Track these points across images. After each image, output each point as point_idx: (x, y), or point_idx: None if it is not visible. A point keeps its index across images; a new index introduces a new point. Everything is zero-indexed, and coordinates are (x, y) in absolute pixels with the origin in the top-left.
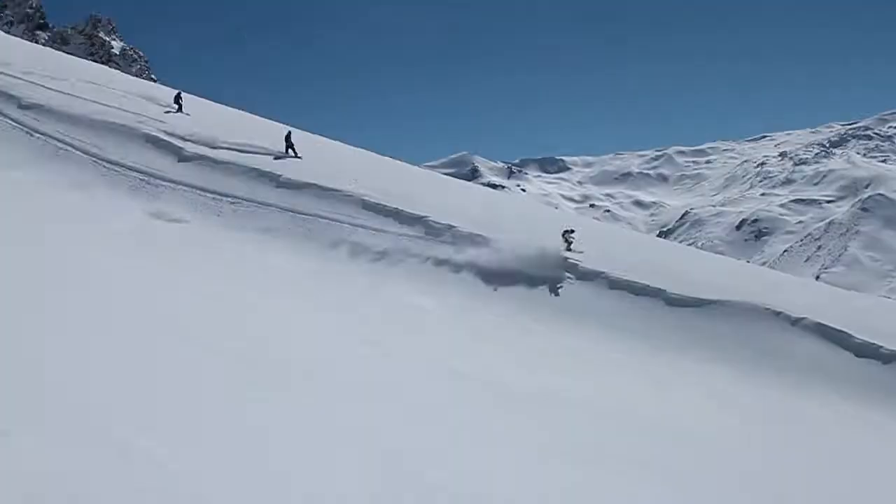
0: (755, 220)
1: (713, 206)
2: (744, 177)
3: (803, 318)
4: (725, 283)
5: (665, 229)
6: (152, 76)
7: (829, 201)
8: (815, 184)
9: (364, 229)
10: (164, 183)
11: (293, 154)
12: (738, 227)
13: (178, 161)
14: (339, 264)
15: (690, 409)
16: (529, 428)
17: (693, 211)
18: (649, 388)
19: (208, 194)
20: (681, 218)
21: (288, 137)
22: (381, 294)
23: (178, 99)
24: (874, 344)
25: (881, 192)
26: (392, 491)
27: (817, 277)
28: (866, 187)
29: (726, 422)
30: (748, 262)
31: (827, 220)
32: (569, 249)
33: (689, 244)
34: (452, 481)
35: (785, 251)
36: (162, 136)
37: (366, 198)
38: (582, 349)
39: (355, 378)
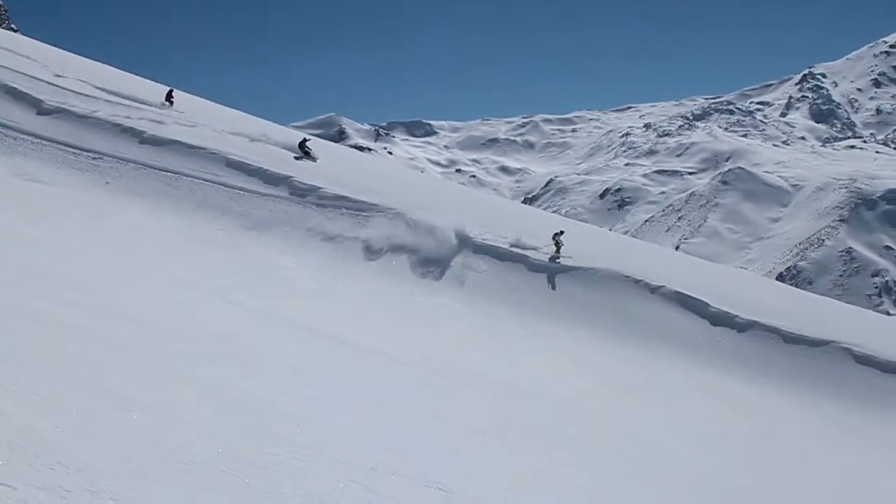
0: (618, 190)
1: (578, 174)
2: (608, 146)
3: (662, 287)
4: (588, 250)
5: (530, 196)
6: (12, 26)
7: (690, 173)
8: (678, 155)
9: (228, 188)
10: (23, 136)
11: (310, 158)
12: (602, 196)
13: (38, 114)
14: (204, 223)
15: (553, 372)
16: (404, 392)
17: (558, 179)
18: (509, 352)
19: (69, 149)
20: (546, 185)
21: (302, 144)
22: (247, 255)
23: (169, 96)
24: (730, 313)
25: (741, 165)
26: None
27: (677, 247)
28: (727, 160)
29: (588, 387)
30: (610, 230)
31: (688, 192)
32: (557, 251)
33: (553, 211)
34: (305, 434)
35: (647, 221)
36: (20, 87)
37: (230, 156)
38: (443, 311)
39: (214, 335)
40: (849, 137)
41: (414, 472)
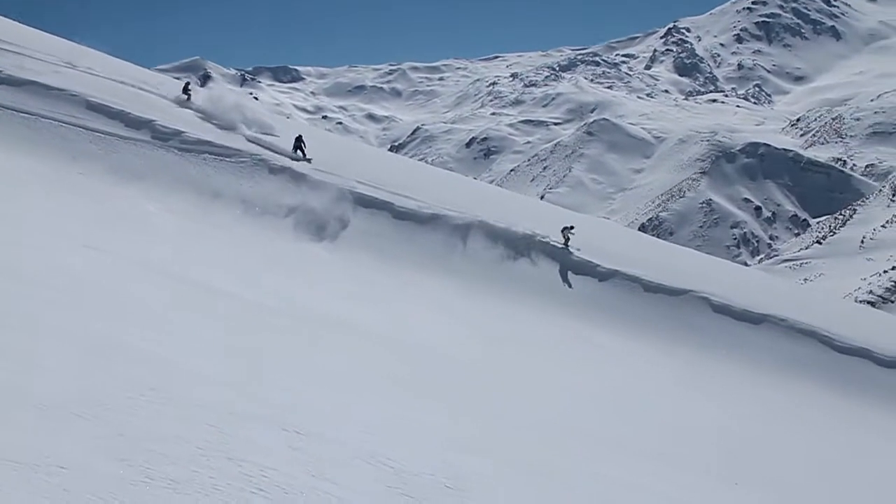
0: (485, 139)
1: (444, 122)
2: (475, 95)
3: (526, 235)
4: (453, 198)
5: (396, 144)
6: None
7: (556, 123)
8: (544, 106)
9: (89, 131)
10: None
11: (303, 156)
12: (468, 145)
13: None
14: (64, 167)
15: (420, 322)
16: (269, 339)
17: (425, 127)
18: (377, 300)
19: None
20: (412, 133)
21: (299, 139)
22: (109, 200)
23: (186, 89)
24: (591, 262)
25: (606, 116)
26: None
27: (542, 197)
28: (592, 112)
29: (456, 336)
30: (475, 179)
31: (553, 142)
32: (566, 245)
33: (420, 160)
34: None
35: (512, 170)
36: None
37: (91, 98)
38: (310, 260)
39: (77, 281)
40: (711, 91)
41: (272, 416)
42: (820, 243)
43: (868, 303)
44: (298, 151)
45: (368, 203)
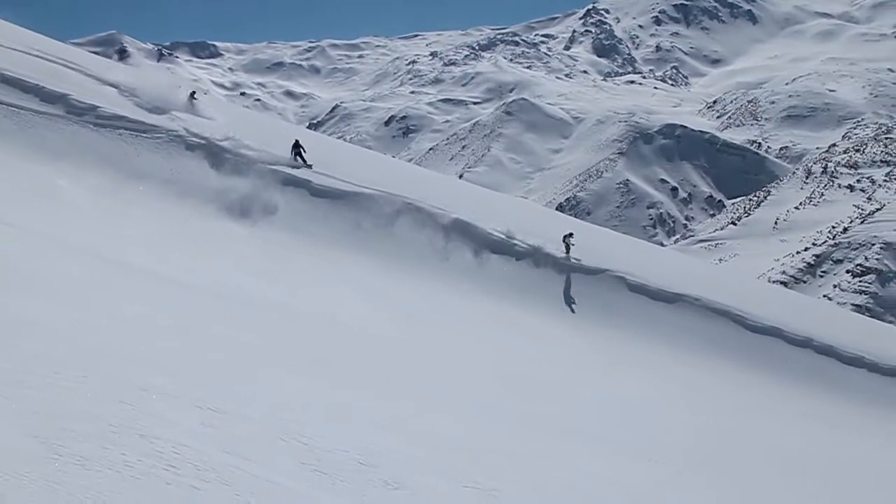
0: (404, 117)
1: (363, 101)
2: (395, 74)
3: (444, 214)
4: (372, 177)
5: (315, 121)
6: None
7: (475, 103)
8: (463, 85)
9: (2, 106)
10: None
11: (303, 162)
12: (387, 123)
13: None
14: None
15: (336, 300)
16: (182, 315)
17: (343, 105)
18: (291, 277)
19: None
20: (331, 111)
21: (297, 145)
22: (22, 174)
23: (193, 96)
24: (510, 242)
25: (524, 96)
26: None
27: (461, 176)
28: (511, 91)
29: (371, 314)
30: (394, 157)
31: (472, 121)
32: (567, 252)
33: (339, 137)
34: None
35: (431, 149)
36: None
37: (5, 72)
38: (225, 236)
39: None
40: (629, 73)
41: (184, 392)
42: (735, 224)
43: (781, 283)
44: (298, 158)
45: (288, 181)
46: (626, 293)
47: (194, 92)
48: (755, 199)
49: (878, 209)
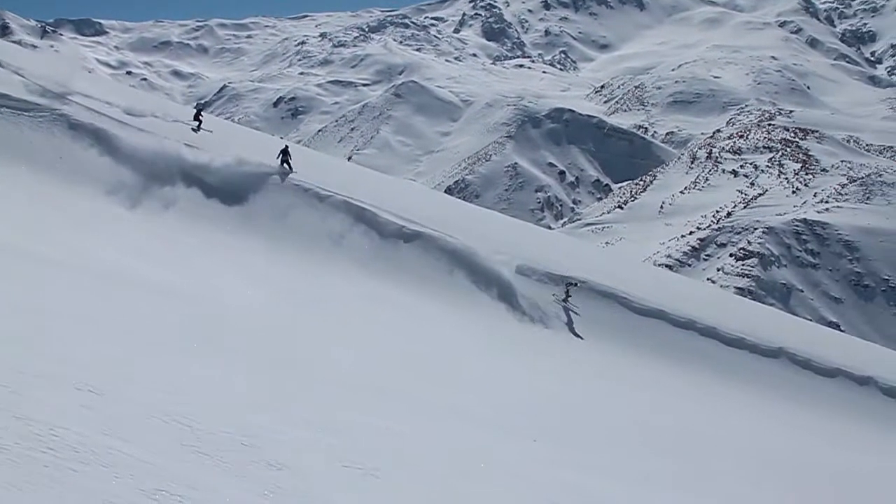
0: (292, 98)
1: (252, 81)
2: (283, 54)
3: (331, 196)
4: (261, 158)
5: (203, 101)
6: None
7: (364, 85)
8: (353, 66)
9: None
10: None
11: (289, 168)
12: (276, 104)
13: None
14: None
15: (221, 282)
16: (65, 297)
17: (231, 85)
18: (178, 259)
19: None
20: (219, 91)
21: (285, 152)
22: None
23: (198, 115)
24: (398, 224)
25: (414, 79)
26: None
27: (349, 158)
28: (400, 73)
29: (257, 296)
30: (282, 138)
31: (361, 103)
32: (566, 300)
33: (227, 118)
34: None
35: (320, 131)
36: None
37: None
38: (108, 217)
39: None
40: (518, 57)
41: (63, 374)
42: (621, 208)
43: (666, 266)
44: (284, 164)
45: (181, 166)
46: (514, 276)
47: (200, 110)
48: (641, 183)
49: (760, 194)
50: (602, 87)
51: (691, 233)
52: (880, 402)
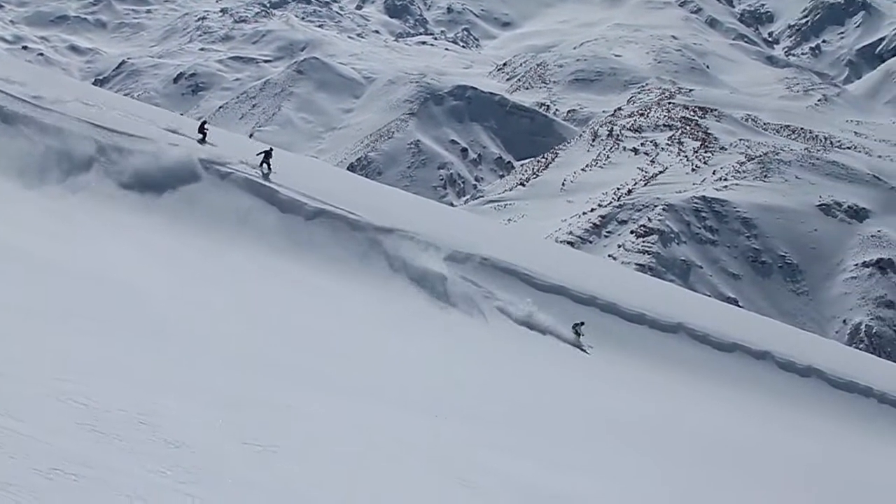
0: (193, 75)
1: (151, 57)
2: (184, 30)
3: (232, 173)
4: (159, 130)
5: (101, 77)
6: None
7: (266, 61)
8: (254, 42)
9: None
10: None
11: (268, 168)
12: (176, 81)
13: None
14: None
15: (122, 259)
16: None
17: (131, 61)
18: (77, 238)
19: None
20: (118, 67)
21: (269, 154)
22: None
23: (203, 128)
24: (299, 201)
25: (316, 55)
26: None
27: (251, 135)
28: (302, 50)
29: (157, 274)
30: (182, 115)
31: (263, 80)
32: (578, 342)
33: (126, 94)
34: None
35: (221, 107)
36: None
37: None
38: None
39: None
40: (421, 34)
41: None
42: (523, 185)
43: (568, 243)
44: (263, 165)
45: (77, 140)
46: (417, 252)
47: (205, 122)
48: (543, 160)
49: (660, 172)
50: (504, 64)
51: (592, 210)
52: (777, 376)
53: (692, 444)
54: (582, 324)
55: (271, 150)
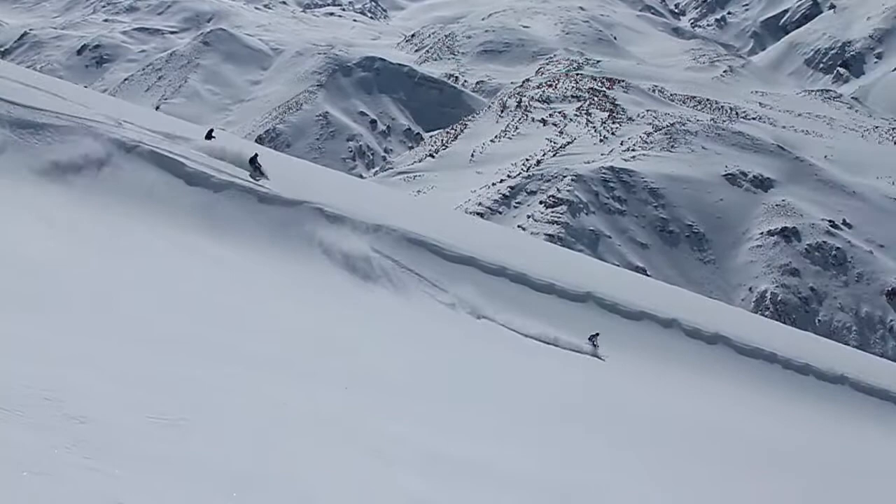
0: (97, 46)
1: (54, 28)
2: (87, 0)
3: (138, 146)
4: (67, 105)
5: (2, 49)
6: None
7: (172, 32)
8: (160, 14)
9: None
10: None
11: (261, 175)
12: (80, 52)
13: None
14: None
15: (19, 234)
16: None
17: (33, 32)
18: None
19: None
20: (20, 38)
21: (254, 159)
22: None
23: (210, 135)
24: (206, 174)
25: (223, 26)
26: None
27: (157, 107)
28: (209, 21)
29: (59, 248)
30: (86, 87)
31: (169, 51)
32: (596, 352)
33: (28, 67)
34: None
35: (126, 79)
36: None
37: None
38: None
39: None
40: (328, 5)
41: None
42: (432, 157)
43: (478, 214)
44: (257, 171)
45: None
46: (326, 224)
47: (212, 130)
48: (452, 132)
49: (569, 143)
50: (412, 35)
51: (502, 181)
52: (684, 343)
53: (595, 410)
54: (597, 335)
55: (256, 155)
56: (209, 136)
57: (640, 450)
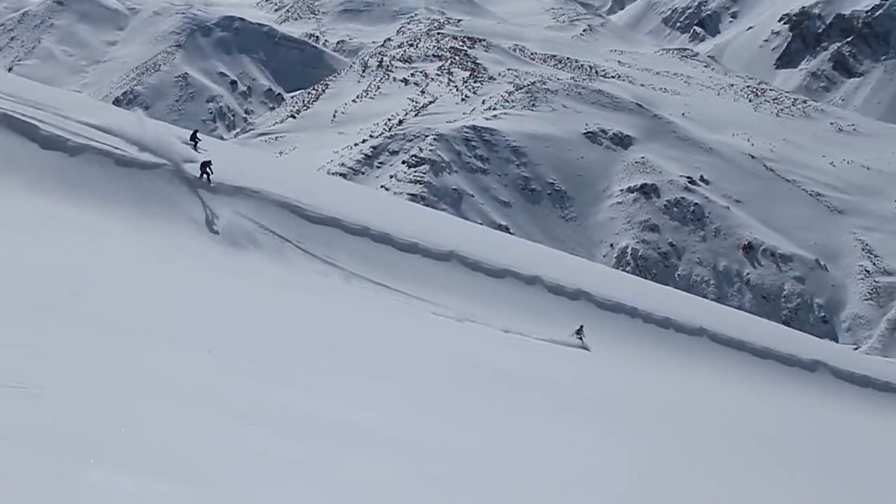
0: None
1: None
2: None
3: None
4: None
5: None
6: None
7: None
8: None
9: None
10: None
11: (206, 182)
12: None
13: None
14: None
15: None
16: None
17: None
18: None
19: None
20: None
21: (205, 165)
22: None
23: (194, 137)
24: (62, 137)
25: None
26: None
27: (10, 70)
28: None
29: None
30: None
31: (21, 11)
32: (582, 341)
33: None
34: None
35: None
36: None
37: None
38: None
39: None
40: None
41: None
42: (294, 118)
43: (340, 174)
44: (204, 176)
45: None
46: (188, 188)
47: (196, 131)
48: (314, 92)
49: (431, 102)
50: None
51: (364, 141)
52: (546, 299)
53: (459, 368)
54: (582, 327)
55: (210, 162)
56: (193, 137)
57: (502, 405)
